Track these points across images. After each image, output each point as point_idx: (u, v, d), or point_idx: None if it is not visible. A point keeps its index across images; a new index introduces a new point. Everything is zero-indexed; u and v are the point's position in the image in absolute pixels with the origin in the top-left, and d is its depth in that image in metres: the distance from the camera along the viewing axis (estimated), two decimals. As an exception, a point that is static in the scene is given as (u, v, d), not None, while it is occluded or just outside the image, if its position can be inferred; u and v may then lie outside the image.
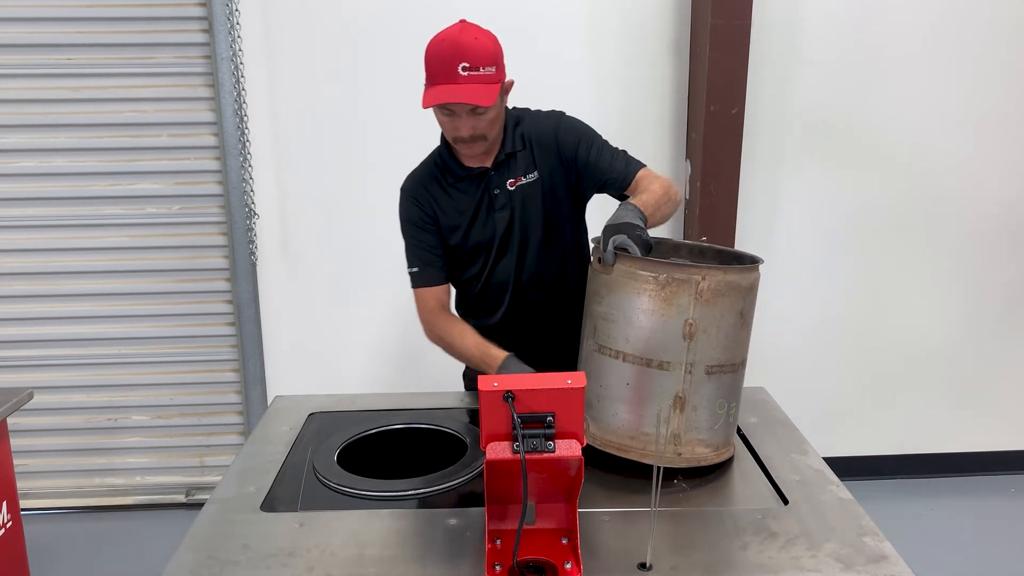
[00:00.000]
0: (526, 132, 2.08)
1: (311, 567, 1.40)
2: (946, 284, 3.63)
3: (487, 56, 1.85)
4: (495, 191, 2.05)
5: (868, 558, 1.40)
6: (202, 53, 3.29)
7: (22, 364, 3.53)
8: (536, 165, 2.06)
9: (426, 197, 2.09)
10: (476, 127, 1.90)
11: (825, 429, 2.83)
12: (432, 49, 1.88)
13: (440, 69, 1.84)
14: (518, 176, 2.06)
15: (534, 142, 2.07)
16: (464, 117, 1.88)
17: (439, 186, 2.09)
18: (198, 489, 3.64)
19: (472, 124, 1.89)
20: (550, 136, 2.07)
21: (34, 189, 3.39)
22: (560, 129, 2.07)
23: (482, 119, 1.90)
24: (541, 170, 2.07)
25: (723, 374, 1.68)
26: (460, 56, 1.82)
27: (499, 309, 2.16)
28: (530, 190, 2.06)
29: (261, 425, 2.05)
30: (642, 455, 1.67)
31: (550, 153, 2.06)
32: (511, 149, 2.05)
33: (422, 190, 2.10)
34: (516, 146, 2.06)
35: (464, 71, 1.82)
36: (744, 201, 3.37)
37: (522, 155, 2.06)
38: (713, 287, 1.61)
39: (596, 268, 1.73)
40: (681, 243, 1.99)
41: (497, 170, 2.05)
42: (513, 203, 2.06)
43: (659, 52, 3.34)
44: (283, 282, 3.49)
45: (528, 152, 2.07)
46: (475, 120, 1.89)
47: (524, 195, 2.06)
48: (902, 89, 3.40)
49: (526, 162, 2.06)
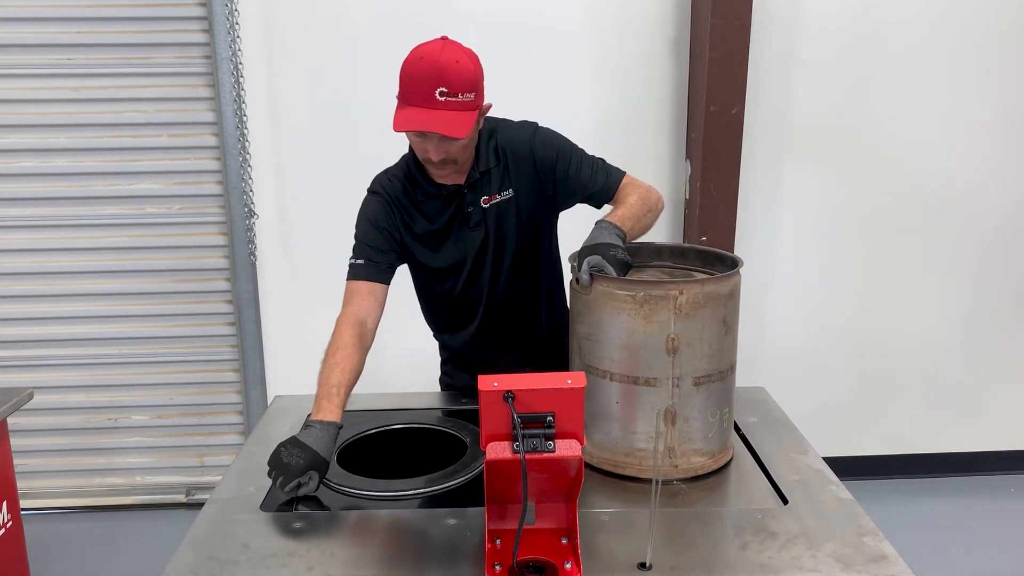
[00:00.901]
0: (500, 145, 2.00)
1: (311, 567, 1.40)
2: (946, 284, 3.63)
3: (466, 82, 1.76)
4: (468, 209, 1.99)
5: (868, 558, 1.40)
6: (202, 53, 3.29)
7: (22, 364, 3.53)
8: (511, 181, 1.99)
9: (398, 206, 2.01)
10: (448, 152, 1.82)
11: (825, 429, 2.82)
12: (410, 67, 1.78)
13: (416, 90, 1.75)
14: (492, 194, 1.99)
15: (509, 156, 1.99)
16: (435, 141, 1.79)
17: (410, 200, 2.01)
18: (198, 489, 3.64)
19: (444, 149, 1.81)
20: (526, 150, 1.99)
21: (34, 189, 3.39)
22: (536, 143, 1.99)
23: (454, 144, 1.81)
24: (516, 186, 2.00)
25: (711, 383, 1.67)
26: (439, 79, 1.73)
27: (471, 324, 2.13)
28: (505, 207, 2.00)
29: (261, 425, 2.05)
30: (639, 471, 1.68)
31: (525, 168, 1.99)
32: (485, 167, 1.98)
33: (395, 199, 2.01)
34: (490, 162, 1.98)
35: (441, 96, 1.73)
36: (744, 201, 3.37)
37: (496, 171, 1.99)
38: (692, 300, 1.60)
39: (576, 289, 1.74)
40: (663, 246, 1.96)
41: (471, 189, 1.98)
42: (487, 221, 2.00)
43: (659, 52, 3.34)
44: (283, 282, 3.49)
45: (502, 168, 1.99)
46: (447, 145, 1.81)
47: (499, 212, 2.00)
48: (902, 89, 3.40)
49: (500, 178, 1.99)
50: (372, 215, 2.02)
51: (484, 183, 1.99)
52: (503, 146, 2.00)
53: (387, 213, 2.01)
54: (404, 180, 2.02)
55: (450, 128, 1.75)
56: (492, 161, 1.99)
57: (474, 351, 2.19)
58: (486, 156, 1.98)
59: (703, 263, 1.90)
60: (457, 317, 2.15)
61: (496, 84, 3.57)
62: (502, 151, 2.00)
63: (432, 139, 1.80)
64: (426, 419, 2.02)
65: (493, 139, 2.00)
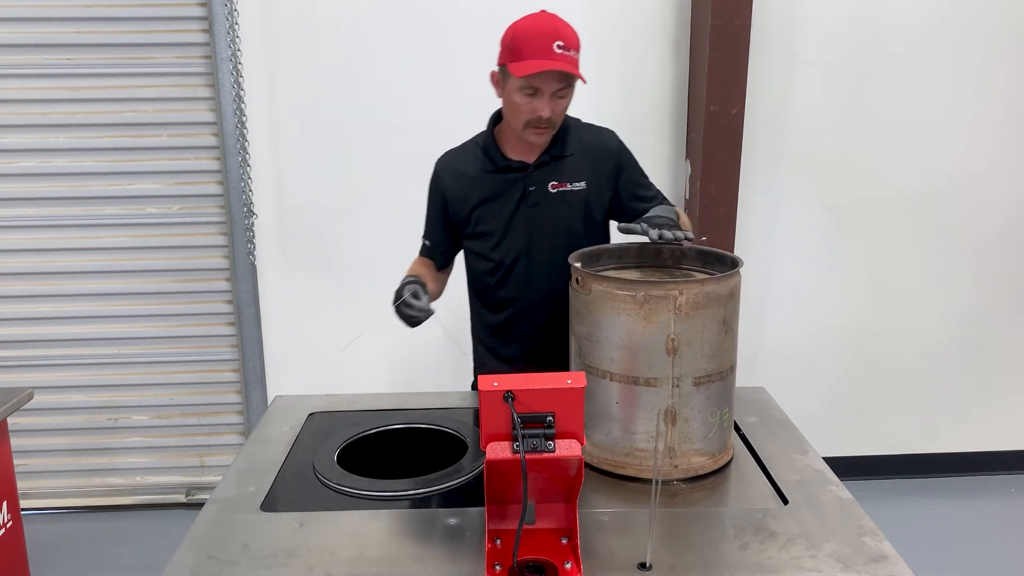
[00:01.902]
0: (581, 140, 2.08)
1: (311, 567, 1.40)
2: (946, 283, 3.63)
3: (576, 42, 1.88)
4: (530, 188, 2.04)
5: (868, 558, 1.40)
6: (202, 53, 3.29)
7: (22, 364, 3.53)
8: (587, 175, 2.06)
9: (455, 178, 2.10)
10: (555, 110, 1.90)
11: (825, 429, 2.83)
12: (525, 27, 1.89)
13: (535, 45, 1.84)
14: (563, 181, 2.04)
15: (589, 152, 2.07)
16: (547, 98, 1.88)
17: (477, 170, 2.08)
18: (198, 489, 3.64)
19: (553, 106, 1.89)
20: (612, 152, 2.09)
21: (34, 189, 3.39)
22: (621, 150, 2.11)
23: (561, 103, 1.91)
24: (591, 180, 2.06)
25: (711, 383, 1.67)
26: (556, 34, 1.84)
27: (509, 308, 2.16)
28: (573, 198, 2.05)
29: (261, 425, 2.05)
30: (639, 471, 1.68)
31: (606, 168, 2.08)
32: (559, 153, 2.04)
33: (453, 170, 2.11)
34: (565, 151, 2.05)
35: (558, 49, 1.83)
36: (744, 201, 3.37)
37: (571, 161, 2.05)
38: (692, 300, 1.60)
39: (576, 289, 1.74)
40: (662, 246, 1.95)
41: (537, 169, 2.04)
42: (550, 205, 2.04)
43: (659, 52, 3.34)
44: (283, 282, 3.49)
45: (578, 160, 2.06)
46: (555, 103, 1.90)
47: (566, 200, 2.05)
48: (902, 89, 3.40)
49: (574, 169, 2.05)
50: (432, 190, 2.18)
51: (554, 168, 2.04)
52: (587, 141, 2.08)
53: (441, 186, 2.13)
54: (476, 149, 2.10)
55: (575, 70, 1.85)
56: (568, 150, 2.05)
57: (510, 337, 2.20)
58: (563, 143, 2.05)
59: (703, 263, 1.90)
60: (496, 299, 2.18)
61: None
62: (584, 145, 2.07)
63: (544, 96, 1.88)
64: (426, 419, 2.01)
65: (572, 133, 2.07)
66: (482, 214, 2.08)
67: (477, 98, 3.41)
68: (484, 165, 2.07)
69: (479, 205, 2.08)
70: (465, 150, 2.13)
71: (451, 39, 3.28)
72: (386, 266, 3.46)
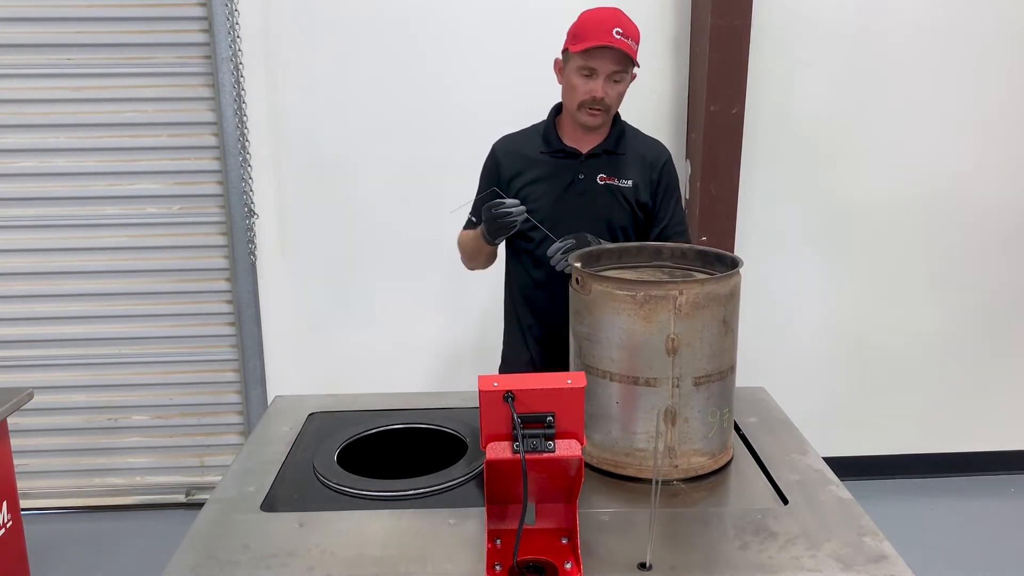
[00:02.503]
0: (632, 143, 2.21)
1: (311, 567, 1.40)
2: (946, 284, 3.63)
3: (635, 33, 2.04)
4: (580, 175, 2.14)
5: (868, 558, 1.40)
6: (202, 53, 3.29)
7: (22, 364, 3.53)
8: (633, 176, 2.17)
9: (510, 156, 2.21)
10: (609, 93, 2.03)
11: (825, 429, 2.83)
12: (588, 15, 2.05)
13: (596, 28, 2.00)
14: (612, 176, 2.16)
15: (639, 156, 2.19)
16: (603, 80, 2.01)
17: (532, 150, 2.20)
18: (198, 489, 3.64)
19: (608, 89, 2.02)
20: (660, 162, 2.21)
21: (34, 189, 3.39)
22: (670, 164, 2.24)
23: (615, 87, 2.04)
24: (636, 183, 2.17)
25: (711, 383, 1.67)
26: (615, 21, 2.00)
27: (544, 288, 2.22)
28: (620, 193, 2.15)
29: (261, 425, 2.05)
30: (639, 471, 1.68)
31: (650, 175, 2.19)
32: (609, 148, 2.16)
33: (509, 150, 2.22)
34: (619, 148, 2.17)
35: (618, 35, 1.98)
36: (744, 201, 3.37)
37: (622, 159, 2.17)
38: (692, 300, 1.60)
39: (576, 289, 1.74)
40: (663, 246, 1.97)
41: (589, 158, 2.15)
42: (597, 196, 2.13)
43: (659, 52, 3.34)
44: (283, 282, 3.49)
45: (628, 160, 2.18)
46: (610, 86, 2.03)
47: (612, 194, 2.14)
48: (902, 89, 3.40)
49: (624, 167, 2.17)
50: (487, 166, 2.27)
51: (605, 162, 2.17)
52: (640, 145, 2.23)
53: (497, 163, 2.23)
54: (530, 136, 2.23)
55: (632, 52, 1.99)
56: (620, 148, 2.18)
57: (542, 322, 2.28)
58: (615, 140, 2.18)
59: (703, 263, 1.90)
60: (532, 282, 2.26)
61: (495, 85, 3.58)
62: (636, 148, 2.21)
63: (600, 77, 2.01)
64: (426, 419, 2.01)
65: (626, 136, 2.21)
66: (531, 192, 2.17)
67: (478, 98, 3.42)
68: (540, 147, 2.19)
69: (531, 183, 2.18)
70: (523, 134, 2.26)
71: (452, 39, 3.28)
72: (386, 266, 3.49)
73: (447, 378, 3.59)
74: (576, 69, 2.03)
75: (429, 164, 3.37)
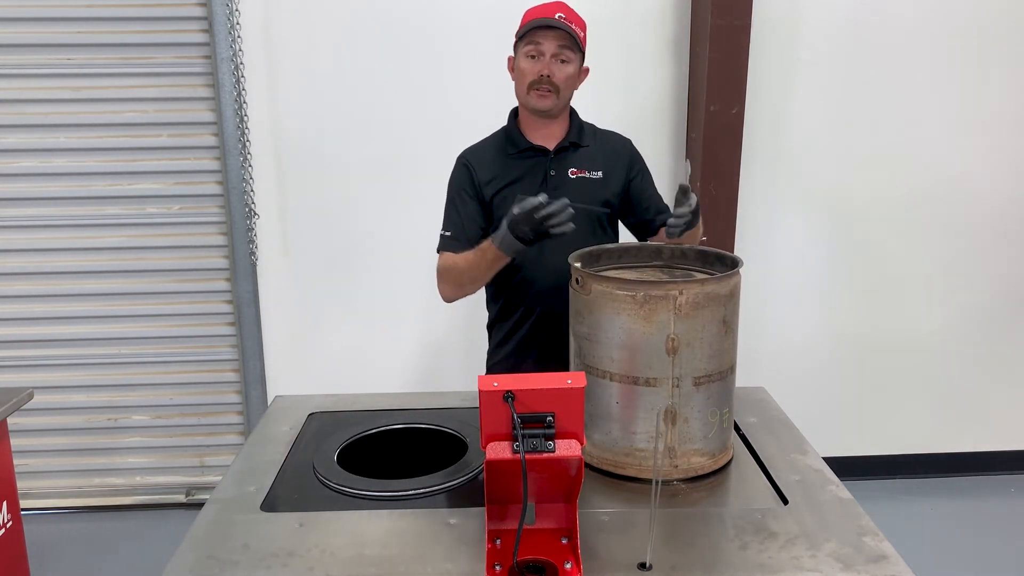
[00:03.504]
0: (597, 136, 2.23)
1: (311, 567, 1.40)
2: (947, 283, 3.63)
3: (580, 22, 2.08)
4: (552, 172, 2.14)
5: (868, 558, 1.40)
6: (202, 53, 3.29)
7: (22, 364, 3.53)
8: (603, 165, 2.18)
9: (481, 163, 2.18)
10: (556, 73, 2.05)
11: (825, 429, 2.83)
12: (533, 9, 2.10)
13: (539, 13, 2.06)
14: (582, 169, 2.16)
15: (605, 148, 2.21)
16: (549, 59, 2.04)
17: (500, 154, 2.18)
18: (198, 489, 3.64)
19: (553, 68, 2.05)
20: (624, 149, 2.24)
21: (34, 189, 3.39)
22: (634, 151, 2.26)
23: (563, 68, 2.06)
24: (607, 171, 2.18)
25: (711, 383, 1.67)
26: (558, 8, 2.05)
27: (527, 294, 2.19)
28: (592, 186, 2.16)
29: (261, 425, 2.05)
30: (639, 471, 1.68)
31: (619, 163, 2.21)
32: (576, 140, 2.17)
33: (479, 156, 2.20)
34: (583, 140, 2.18)
35: (560, 18, 2.03)
36: (744, 201, 3.37)
37: (587, 152, 2.18)
38: (692, 300, 1.60)
39: (575, 289, 1.74)
40: (663, 246, 1.96)
41: (558, 154, 2.16)
42: (570, 190, 2.11)
43: (659, 52, 3.34)
44: (283, 282, 3.49)
45: (594, 151, 2.19)
46: (556, 66, 2.05)
47: (585, 187, 2.14)
48: (902, 89, 3.40)
49: (591, 159, 2.18)
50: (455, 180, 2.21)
51: (574, 155, 2.17)
52: (602, 137, 2.25)
53: (468, 172, 2.18)
54: (499, 137, 2.22)
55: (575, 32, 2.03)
56: (585, 141, 2.20)
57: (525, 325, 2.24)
58: (579, 132, 2.20)
59: (703, 263, 1.90)
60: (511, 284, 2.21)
61: (495, 85, 3.58)
62: (600, 139, 2.23)
63: (546, 56, 2.04)
64: (426, 419, 2.01)
65: (588, 130, 2.23)
66: (508, 194, 2.14)
67: (478, 98, 3.42)
68: (507, 149, 2.18)
69: (506, 186, 2.15)
70: (486, 142, 2.24)
71: (452, 39, 3.28)
72: (386, 266, 3.49)
73: (447, 378, 3.59)
74: (523, 55, 2.07)
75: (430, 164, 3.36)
